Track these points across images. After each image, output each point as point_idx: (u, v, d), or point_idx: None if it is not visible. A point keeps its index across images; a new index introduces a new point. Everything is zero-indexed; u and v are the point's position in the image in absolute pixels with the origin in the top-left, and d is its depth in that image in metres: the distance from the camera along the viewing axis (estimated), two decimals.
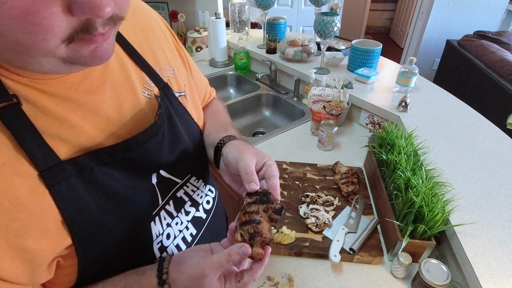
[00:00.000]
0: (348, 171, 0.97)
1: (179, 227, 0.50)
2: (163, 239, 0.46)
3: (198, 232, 0.54)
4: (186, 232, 0.51)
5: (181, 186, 0.50)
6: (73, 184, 0.36)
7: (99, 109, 0.40)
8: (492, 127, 1.07)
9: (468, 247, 0.67)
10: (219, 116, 0.65)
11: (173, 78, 0.52)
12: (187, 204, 0.52)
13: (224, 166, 0.51)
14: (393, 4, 5.13)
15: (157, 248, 0.46)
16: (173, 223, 0.48)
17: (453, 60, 2.91)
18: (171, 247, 0.48)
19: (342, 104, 1.16)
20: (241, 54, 1.74)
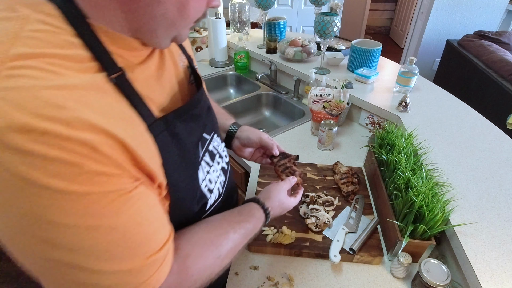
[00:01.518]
0: (348, 171, 0.97)
1: (215, 174, 0.59)
2: (207, 183, 0.56)
3: (225, 180, 0.64)
4: (219, 179, 0.61)
5: (210, 141, 0.59)
6: (165, 137, 0.44)
7: (165, 77, 0.49)
8: (492, 127, 1.07)
9: (468, 247, 0.67)
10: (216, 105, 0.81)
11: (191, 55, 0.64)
12: (216, 156, 0.61)
13: (240, 145, 0.78)
14: (393, 4, 5.13)
15: (206, 191, 0.55)
16: (210, 171, 0.58)
17: (453, 60, 2.91)
18: (214, 190, 0.59)
19: (342, 104, 1.16)
20: (241, 54, 1.74)
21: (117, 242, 0.35)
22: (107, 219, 0.34)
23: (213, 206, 0.59)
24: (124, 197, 0.35)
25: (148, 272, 0.39)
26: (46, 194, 0.30)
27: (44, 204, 0.30)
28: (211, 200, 0.57)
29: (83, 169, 0.31)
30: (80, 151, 0.30)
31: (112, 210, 0.34)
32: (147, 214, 0.39)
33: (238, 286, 0.71)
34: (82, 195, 0.31)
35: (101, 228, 0.34)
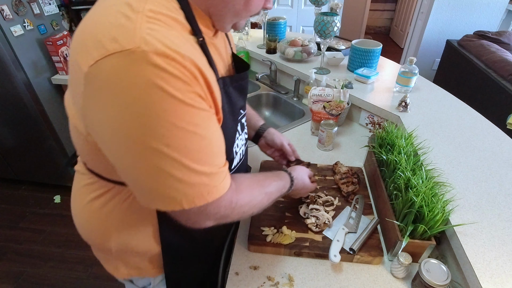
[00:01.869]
0: (348, 171, 0.97)
1: (241, 142, 0.73)
2: (235, 146, 0.69)
3: (244, 148, 0.77)
4: (243, 147, 0.75)
5: (243, 116, 0.73)
6: (222, 92, 0.56)
7: (222, 54, 0.63)
8: (492, 127, 1.07)
9: (468, 247, 0.67)
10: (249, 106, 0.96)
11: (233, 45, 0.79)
12: (245, 129, 0.76)
13: (265, 143, 0.95)
14: (393, 4, 5.13)
15: (234, 151, 0.69)
16: (239, 138, 0.71)
17: (453, 60, 2.91)
18: (239, 153, 0.73)
19: (342, 104, 1.16)
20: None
21: (205, 149, 0.48)
22: (201, 129, 0.46)
23: (235, 168, 0.71)
24: (211, 117, 0.49)
25: (219, 179, 0.51)
26: (170, 100, 0.42)
27: (165, 107, 0.42)
28: (235, 160, 0.71)
29: (191, 88, 0.44)
30: (189, 76, 0.43)
31: (205, 123, 0.47)
32: (219, 136, 0.52)
33: (238, 286, 0.71)
34: (189, 106, 0.44)
35: (197, 135, 0.46)
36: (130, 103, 0.41)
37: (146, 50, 0.39)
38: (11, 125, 1.90)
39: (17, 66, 1.66)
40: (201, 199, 0.49)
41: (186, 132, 0.44)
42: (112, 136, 0.44)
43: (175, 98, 0.42)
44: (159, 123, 0.42)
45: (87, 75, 0.42)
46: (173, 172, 0.45)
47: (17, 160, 2.09)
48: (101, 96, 0.42)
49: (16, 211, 2.08)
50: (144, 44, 0.40)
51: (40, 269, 1.73)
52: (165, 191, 0.47)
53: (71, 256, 1.79)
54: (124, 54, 0.40)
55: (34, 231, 1.94)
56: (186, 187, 0.47)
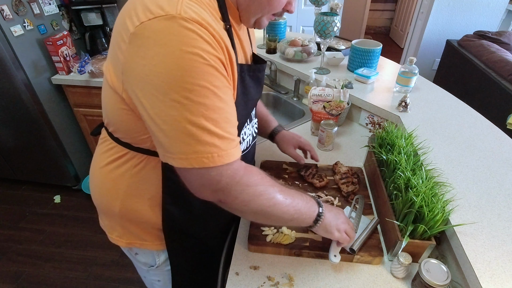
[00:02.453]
0: (348, 171, 0.97)
1: (249, 131, 0.78)
2: (243, 133, 0.74)
3: (251, 143, 0.82)
4: (250, 137, 0.80)
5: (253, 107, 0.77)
6: (238, 77, 0.61)
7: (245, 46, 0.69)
8: (492, 127, 1.07)
9: (468, 247, 0.67)
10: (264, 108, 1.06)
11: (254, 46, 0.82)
12: (253, 121, 0.81)
13: (278, 144, 1.03)
14: (393, 4, 5.13)
15: (241, 136, 0.73)
16: (247, 127, 0.76)
17: (453, 60, 2.91)
18: (245, 141, 0.77)
19: (342, 104, 1.16)
20: None
21: (221, 111, 0.52)
22: (221, 92, 0.51)
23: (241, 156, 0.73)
24: (229, 87, 0.54)
25: (231, 145, 0.53)
26: (199, 60, 0.48)
27: (192, 64, 0.47)
28: (242, 147, 0.74)
29: (217, 53, 0.50)
30: (217, 44, 0.50)
31: (224, 89, 0.52)
32: (234, 108, 0.56)
33: (238, 286, 0.71)
34: (213, 68, 0.49)
35: (216, 96, 0.50)
36: (164, 56, 0.47)
37: (184, 17, 0.47)
38: (11, 125, 1.90)
39: (17, 66, 1.66)
40: (210, 160, 0.51)
41: (206, 90, 0.49)
42: (144, 84, 0.49)
43: (202, 58, 0.48)
44: (184, 78, 0.47)
45: (133, 34, 0.48)
46: (188, 126, 0.49)
47: (17, 160, 2.09)
48: (142, 50, 0.48)
49: (16, 211, 2.08)
50: (184, 12, 0.47)
51: (40, 269, 1.73)
52: (179, 145, 0.51)
53: (71, 256, 1.79)
54: (166, 18, 0.47)
55: (34, 231, 1.94)
56: (198, 144, 0.50)
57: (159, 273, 0.83)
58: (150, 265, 0.82)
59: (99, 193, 0.75)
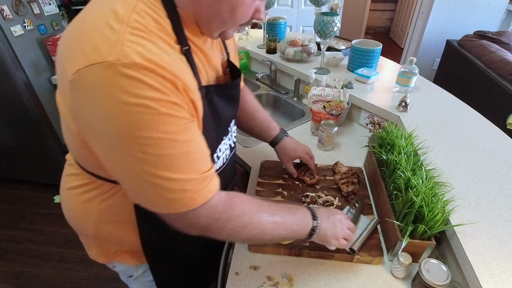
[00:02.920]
0: (348, 171, 0.97)
1: (225, 146, 0.73)
2: (218, 151, 0.70)
3: (229, 156, 0.78)
4: (226, 152, 0.75)
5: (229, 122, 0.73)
6: (204, 101, 0.57)
7: (212, 62, 0.63)
8: (492, 127, 1.07)
9: (468, 247, 0.67)
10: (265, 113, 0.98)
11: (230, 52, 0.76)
12: (229, 133, 0.75)
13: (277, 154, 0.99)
14: (393, 4, 5.13)
15: (215, 156, 0.69)
16: (222, 143, 0.71)
17: (453, 60, 2.91)
18: (221, 158, 0.72)
19: (342, 104, 1.16)
20: (241, 54, 1.74)
21: (184, 155, 0.49)
22: (180, 136, 0.47)
23: (217, 172, 0.69)
24: (189, 124, 0.50)
25: (202, 184, 0.51)
26: (148, 110, 0.43)
27: (142, 117, 0.43)
28: (216, 165, 0.71)
29: (168, 97, 0.45)
30: (168, 86, 0.45)
31: (183, 131, 0.48)
32: (201, 142, 0.53)
33: (238, 286, 0.71)
34: (165, 115, 0.45)
35: (175, 142, 0.47)
36: (110, 111, 0.43)
37: (125, 63, 0.41)
38: (11, 125, 1.90)
39: (17, 66, 1.66)
40: (183, 205, 0.50)
41: (163, 141, 0.46)
42: (97, 137, 0.47)
43: (152, 109, 0.43)
44: (135, 133, 0.44)
45: (71, 82, 0.44)
46: (152, 179, 0.47)
47: (17, 160, 2.09)
48: (85, 103, 0.45)
49: (16, 211, 2.08)
50: (124, 57, 0.41)
51: (40, 269, 1.73)
52: (147, 194, 0.50)
53: (71, 256, 1.79)
54: (104, 65, 0.41)
55: (34, 231, 1.94)
56: (167, 193, 0.49)
57: (138, 282, 0.82)
58: (129, 276, 0.81)
59: (71, 215, 0.72)
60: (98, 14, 0.45)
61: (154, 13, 0.47)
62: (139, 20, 0.45)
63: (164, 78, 0.44)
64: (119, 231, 0.68)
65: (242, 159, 1.11)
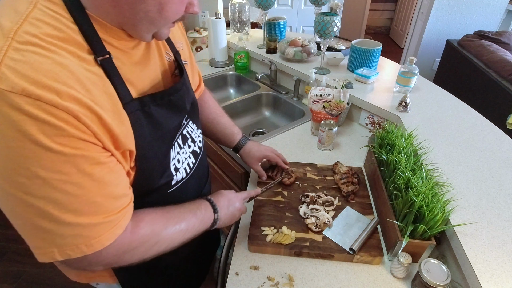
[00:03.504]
0: (348, 171, 0.97)
1: (184, 155, 0.67)
2: (175, 162, 0.63)
3: (195, 162, 0.72)
4: (189, 160, 0.69)
5: (185, 127, 0.67)
6: (138, 115, 0.50)
7: (149, 67, 0.56)
8: (492, 127, 1.07)
9: (468, 247, 0.67)
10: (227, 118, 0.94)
11: (182, 49, 0.69)
12: (188, 140, 0.69)
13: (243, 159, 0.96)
14: (393, 4, 5.13)
15: (172, 169, 0.62)
16: (181, 152, 0.65)
17: (453, 60, 2.91)
18: (181, 169, 0.65)
19: (342, 104, 1.16)
20: (241, 54, 1.74)
21: (81, 198, 0.42)
22: (75, 177, 0.41)
23: (180, 183, 0.66)
24: (95, 164, 0.42)
25: (102, 230, 0.45)
26: (32, 146, 0.37)
27: (27, 155, 0.37)
28: (177, 177, 0.64)
29: (65, 132, 0.38)
30: (65, 118, 0.37)
31: (82, 172, 0.41)
32: (112, 182, 0.46)
33: (238, 286, 0.71)
34: (60, 154, 0.38)
35: (68, 184, 0.40)
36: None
37: (2, 89, 0.35)
38: None
39: None
40: (77, 251, 0.44)
41: (52, 181, 0.39)
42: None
43: (38, 145, 0.37)
44: (18, 171, 0.38)
45: None
46: (38, 222, 0.41)
47: None
48: None
49: None
50: (1, 81, 0.35)
51: (40, 269, 1.73)
52: (34, 240, 0.43)
53: None
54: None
55: None
56: (57, 238, 0.42)
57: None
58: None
59: None
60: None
61: (54, 20, 0.40)
62: (31, 31, 0.38)
63: (56, 108, 0.36)
64: None
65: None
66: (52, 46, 0.39)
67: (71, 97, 0.38)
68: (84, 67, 0.41)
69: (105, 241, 0.46)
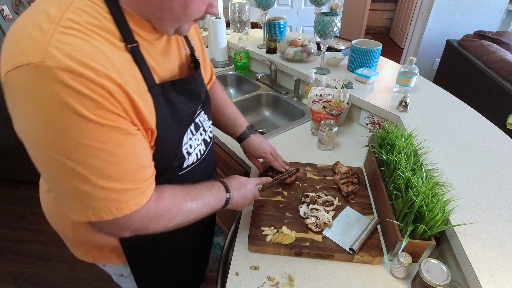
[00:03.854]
0: (348, 171, 0.97)
1: (196, 142, 0.72)
2: (188, 147, 0.68)
3: (205, 150, 0.76)
4: (200, 147, 0.74)
5: (197, 115, 0.72)
6: (160, 99, 0.56)
7: (169, 58, 0.62)
8: (492, 127, 1.07)
9: (468, 247, 0.67)
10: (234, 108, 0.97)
11: (196, 46, 0.75)
12: (200, 128, 0.73)
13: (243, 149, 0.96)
14: (393, 4, 5.13)
15: (185, 152, 0.68)
16: (193, 138, 0.70)
17: (453, 60, 2.91)
18: (193, 154, 0.71)
19: (342, 104, 1.16)
20: (241, 54, 1.74)
21: (114, 166, 0.47)
22: (110, 146, 0.46)
23: (190, 167, 0.72)
24: (126, 134, 0.48)
25: (131, 196, 0.51)
26: (74, 117, 0.42)
27: (70, 125, 0.42)
28: (188, 161, 0.70)
29: (102, 105, 0.43)
30: (101, 93, 0.43)
31: (116, 140, 0.46)
32: (140, 152, 0.52)
33: (238, 286, 0.71)
34: (98, 124, 0.43)
35: (105, 152, 0.45)
36: (36, 115, 0.42)
37: (50, 65, 0.39)
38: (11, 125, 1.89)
39: None
40: (109, 214, 0.49)
41: (91, 149, 0.44)
42: (26, 140, 0.46)
43: (79, 116, 0.42)
44: (62, 138, 0.43)
45: (3, 83, 0.43)
46: (77, 185, 0.46)
47: (17, 160, 2.09)
48: (15, 104, 0.44)
49: (16, 211, 2.08)
50: (49, 59, 0.39)
51: (40, 269, 1.73)
52: (72, 201, 0.48)
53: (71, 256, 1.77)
54: (29, 68, 0.40)
55: (34, 231, 1.94)
56: (92, 201, 0.47)
57: (129, 281, 0.83)
58: (120, 275, 0.82)
59: (50, 219, 0.74)
60: (30, 16, 0.44)
61: (92, 10, 0.45)
62: (73, 18, 0.43)
63: (95, 83, 0.42)
64: (96, 234, 0.68)
65: (242, 159, 1.11)
66: (90, 32, 0.44)
67: (105, 75, 0.43)
68: (116, 52, 0.47)
69: (133, 206, 0.51)
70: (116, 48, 0.47)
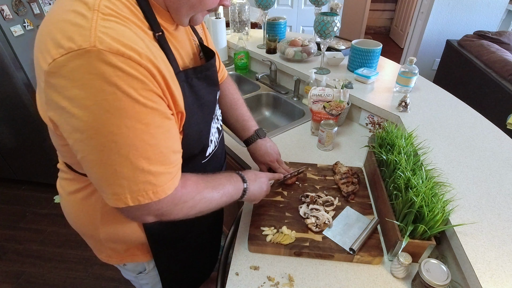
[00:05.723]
0: (348, 171, 0.97)
1: (214, 130, 0.76)
2: (212, 133, 0.73)
3: (218, 138, 0.81)
4: (216, 135, 0.78)
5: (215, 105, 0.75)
6: (184, 85, 0.59)
7: (185, 47, 0.65)
8: (492, 127, 1.07)
9: (468, 247, 0.67)
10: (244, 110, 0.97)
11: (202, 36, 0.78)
12: (214, 119, 0.76)
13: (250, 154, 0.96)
14: (393, 4, 5.13)
15: (210, 140, 0.72)
16: (213, 127, 0.74)
17: (453, 60, 2.91)
18: (213, 141, 0.75)
19: (342, 104, 1.16)
20: (241, 54, 1.74)
21: (153, 148, 0.49)
22: (152, 128, 0.48)
23: (211, 155, 0.75)
24: (164, 118, 0.50)
25: (166, 179, 0.52)
26: (123, 98, 0.43)
27: (119, 106, 0.43)
28: (210, 148, 0.73)
29: (147, 86, 0.45)
30: (146, 74, 0.45)
31: (156, 123, 0.48)
32: (174, 137, 0.54)
33: (238, 286, 0.71)
34: (141, 105, 0.45)
35: (147, 134, 0.47)
36: (84, 99, 0.43)
37: (101, 49, 0.41)
38: (11, 125, 1.90)
39: (17, 66, 1.66)
40: (146, 197, 0.50)
41: (135, 130, 0.46)
42: (68, 126, 0.46)
43: (128, 97, 0.43)
44: (109, 120, 0.44)
45: (47, 73, 0.43)
46: (119, 168, 0.47)
47: (17, 160, 2.09)
48: (60, 90, 0.44)
49: (16, 211, 2.08)
50: (99, 43, 0.41)
51: (40, 269, 1.73)
52: (111, 187, 0.49)
53: (71, 256, 1.79)
54: (80, 53, 0.41)
55: (34, 231, 1.94)
56: (132, 184, 0.49)
57: (148, 277, 0.84)
58: (139, 272, 0.82)
59: (76, 221, 0.73)
60: (65, 6, 0.45)
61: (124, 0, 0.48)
62: (109, 6, 0.45)
63: (141, 65, 0.44)
64: (125, 229, 0.69)
65: (242, 159, 1.11)
66: (126, 20, 0.46)
67: (147, 58, 0.45)
68: (148, 39, 0.49)
69: (167, 190, 0.53)
70: (147, 35, 0.50)
